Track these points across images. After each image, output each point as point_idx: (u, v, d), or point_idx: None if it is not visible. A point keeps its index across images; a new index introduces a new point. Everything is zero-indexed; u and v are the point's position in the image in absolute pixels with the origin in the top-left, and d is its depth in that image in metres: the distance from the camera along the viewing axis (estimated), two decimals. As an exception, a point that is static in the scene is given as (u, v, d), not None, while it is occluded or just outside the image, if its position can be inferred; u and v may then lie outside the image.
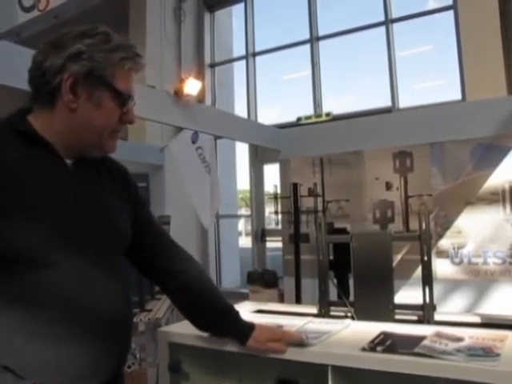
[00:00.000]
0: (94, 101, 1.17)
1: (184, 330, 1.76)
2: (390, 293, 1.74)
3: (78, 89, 1.15)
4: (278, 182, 5.03)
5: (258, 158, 7.55)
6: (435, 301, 1.72)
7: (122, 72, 1.20)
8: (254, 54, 8.40)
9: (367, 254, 1.79)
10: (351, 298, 1.93)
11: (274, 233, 6.96)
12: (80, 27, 1.18)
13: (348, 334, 1.58)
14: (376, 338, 1.46)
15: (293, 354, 1.41)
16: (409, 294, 2.80)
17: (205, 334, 1.59)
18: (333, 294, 2.01)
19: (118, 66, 1.18)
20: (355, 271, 1.83)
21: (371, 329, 1.56)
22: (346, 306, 1.79)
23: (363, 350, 1.36)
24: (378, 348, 1.36)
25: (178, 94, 3.83)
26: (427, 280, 1.71)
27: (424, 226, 1.75)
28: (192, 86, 3.95)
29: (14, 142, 1.13)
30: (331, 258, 4.17)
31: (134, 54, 1.21)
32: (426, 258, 1.73)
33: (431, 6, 6.89)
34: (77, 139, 1.19)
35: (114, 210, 1.29)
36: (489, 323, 1.61)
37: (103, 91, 1.17)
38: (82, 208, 1.18)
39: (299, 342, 1.42)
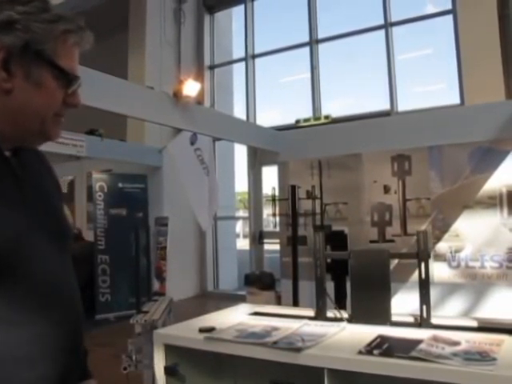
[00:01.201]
0: (33, 80, 0.97)
1: (180, 332, 1.75)
2: (388, 311, 1.73)
3: (13, 65, 0.95)
4: (276, 185, 5.03)
5: (257, 160, 7.54)
6: (432, 304, 1.71)
7: (65, 47, 1.01)
8: (254, 56, 8.41)
9: (365, 271, 1.77)
10: (348, 301, 1.91)
11: (271, 235, 6.94)
12: None
13: (344, 336, 1.57)
14: (373, 341, 1.45)
15: (289, 357, 1.41)
16: (406, 297, 2.80)
17: (200, 337, 1.59)
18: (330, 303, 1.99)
19: (61, 40, 1.00)
20: (353, 287, 1.81)
21: (367, 332, 1.55)
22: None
23: (360, 353, 1.35)
24: (375, 351, 1.35)
25: (177, 95, 3.83)
26: (425, 299, 1.68)
27: (422, 246, 1.73)
28: (191, 88, 3.95)
29: None
30: (328, 260, 4.20)
31: (78, 26, 1.02)
32: (423, 277, 1.70)
33: (430, 10, 6.90)
34: (14, 126, 1.00)
35: (58, 204, 1.16)
36: (485, 327, 1.61)
37: (43, 69, 0.98)
38: (30, 206, 1.03)
39: None
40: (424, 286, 1.69)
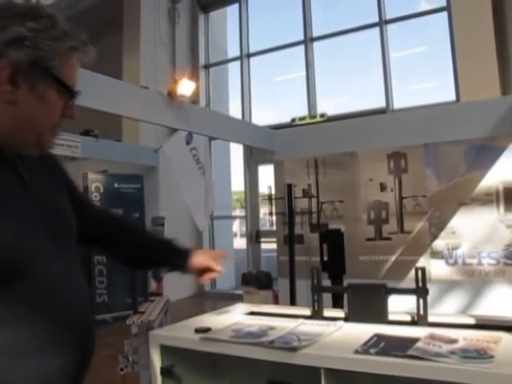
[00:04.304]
0: (37, 93, 1.02)
1: (176, 332, 1.74)
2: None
3: (19, 79, 0.99)
4: (272, 183, 5.02)
5: (253, 159, 7.55)
6: (429, 302, 1.70)
7: (69, 63, 1.07)
8: (249, 55, 8.40)
9: (362, 304, 1.76)
10: (345, 302, 1.90)
11: (268, 234, 6.96)
12: (18, 4, 1.03)
13: (341, 335, 1.56)
14: (369, 340, 1.44)
15: (285, 357, 1.39)
16: (402, 296, 2.79)
17: (196, 337, 1.58)
18: (327, 301, 1.98)
19: (66, 57, 1.05)
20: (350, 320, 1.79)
21: (364, 331, 1.54)
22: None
23: (356, 352, 1.34)
24: (372, 350, 1.34)
25: (172, 94, 3.81)
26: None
27: (421, 283, 1.71)
28: (186, 87, 3.93)
29: None
30: (325, 259, 4.19)
31: (82, 42, 1.08)
32: (422, 313, 1.68)
33: (424, 7, 6.91)
34: (14, 134, 1.04)
35: (61, 203, 1.22)
36: (483, 324, 1.60)
37: (48, 83, 1.03)
38: (37, 208, 1.09)
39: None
40: (422, 323, 1.67)
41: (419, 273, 1.71)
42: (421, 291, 1.69)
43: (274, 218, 4.94)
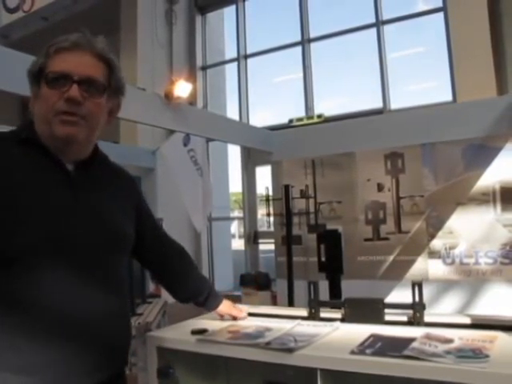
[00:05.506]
0: (37, 95, 1.25)
1: (173, 334, 1.74)
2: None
3: (34, 92, 1.26)
4: (270, 184, 5.02)
5: (250, 160, 7.54)
6: (427, 302, 1.71)
7: (52, 57, 1.23)
8: (246, 57, 8.39)
9: (358, 319, 1.76)
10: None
11: (266, 235, 6.95)
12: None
13: (337, 336, 1.57)
14: (365, 340, 1.44)
15: (281, 358, 1.40)
16: (400, 295, 2.80)
17: (193, 339, 1.58)
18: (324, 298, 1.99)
19: (47, 55, 1.23)
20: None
21: (360, 331, 1.54)
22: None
23: (352, 353, 1.34)
24: (368, 351, 1.34)
25: (169, 96, 3.81)
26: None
27: (418, 298, 1.71)
28: (183, 88, 3.93)
29: (15, 149, 1.21)
30: (323, 259, 4.19)
31: (57, 41, 1.24)
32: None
33: (421, 8, 6.91)
34: (45, 137, 1.23)
35: (115, 213, 1.33)
36: (479, 324, 1.60)
37: (39, 83, 1.23)
38: (79, 212, 1.21)
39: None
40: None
41: (416, 288, 1.71)
42: (418, 306, 1.70)
43: (272, 218, 4.94)
